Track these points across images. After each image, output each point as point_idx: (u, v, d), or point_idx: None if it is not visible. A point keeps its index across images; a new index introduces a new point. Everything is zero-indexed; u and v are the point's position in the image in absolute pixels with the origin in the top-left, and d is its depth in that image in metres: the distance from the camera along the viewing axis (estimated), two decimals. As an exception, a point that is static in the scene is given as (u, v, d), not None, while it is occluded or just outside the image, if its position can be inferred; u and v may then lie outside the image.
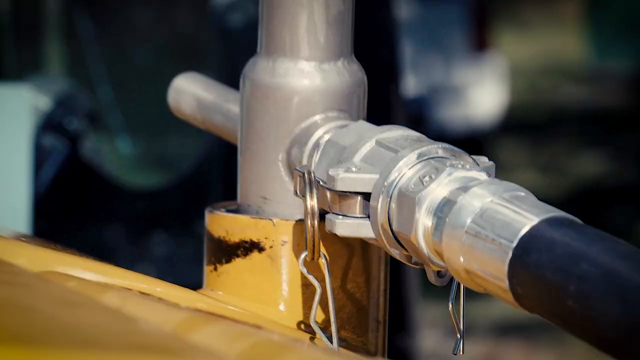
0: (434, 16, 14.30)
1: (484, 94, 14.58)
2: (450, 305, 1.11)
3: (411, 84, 12.68)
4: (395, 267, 1.20)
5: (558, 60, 20.82)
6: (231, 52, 2.64)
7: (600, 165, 14.79)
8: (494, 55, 14.89)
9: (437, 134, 13.77)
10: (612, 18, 19.30)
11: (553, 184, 13.87)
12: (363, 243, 1.14)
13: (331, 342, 1.11)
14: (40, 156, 2.61)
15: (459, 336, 1.13)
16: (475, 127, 14.54)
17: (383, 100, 2.32)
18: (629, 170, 14.53)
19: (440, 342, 7.61)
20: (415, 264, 1.08)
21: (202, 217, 1.24)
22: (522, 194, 1.04)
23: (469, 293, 1.10)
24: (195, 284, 1.21)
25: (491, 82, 14.71)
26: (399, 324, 2.42)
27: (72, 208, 2.90)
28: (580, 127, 16.73)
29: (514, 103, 16.67)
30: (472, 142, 14.01)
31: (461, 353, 1.14)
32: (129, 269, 1.19)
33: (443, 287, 1.13)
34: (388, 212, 1.07)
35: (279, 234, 1.16)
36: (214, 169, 2.69)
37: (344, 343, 1.13)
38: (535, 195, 1.03)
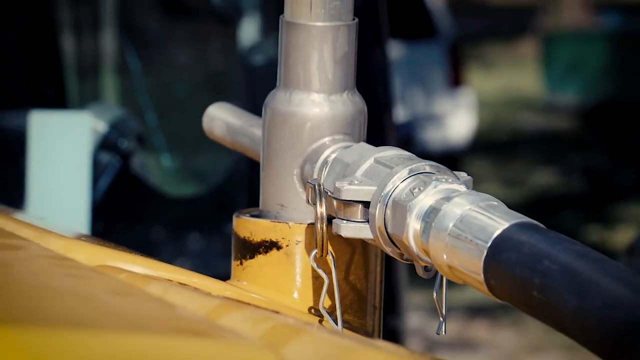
0: (418, 57, 14.40)
1: (457, 120, 14.72)
2: (435, 294, 1.11)
3: (400, 113, 12.88)
4: (388, 262, 1.20)
5: (518, 93, 20.92)
6: (255, 86, 2.64)
7: (552, 178, 14.85)
8: (466, 90, 15.02)
9: (421, 153, 13.86)
10: (562, 60, 19.41)
11: (513, 194, 13.94)
12: (363, 243, 1.14)
13: (336, 324, 1.11)
14: (97, 170, 2.61)
15: (441, 319, 1.13)
16: (451, 147, 14.66)
17: (379, 126, 2.32)
18: (575, 182, 14.62)
19: (424, 322, 7.61)
20: (406, 260, 1.08)
21: (230, 220, 1.24)
22: (495, 203, 1.04)
23: (448, 282, 1.10)
24: (224, 276, 1.21)
25: (464, 111, 14.85)
26: (391, 308, 2.43)
27: (123, 213, 2.90)
28: (535, 147, 16.80)
29: (482, 128, 16.76)
30: (448, 159, 14.17)
31: (444, 333, 1.15)
32: (169, 264, 1.19)
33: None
34: (384, 218, 1.06)
35: (293, 235, 1.15)
36: (240, 181, 2.70)
37: (347, 325, 1.13)
38: (505, 204, 1.03)
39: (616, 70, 18.94)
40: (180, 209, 2.99)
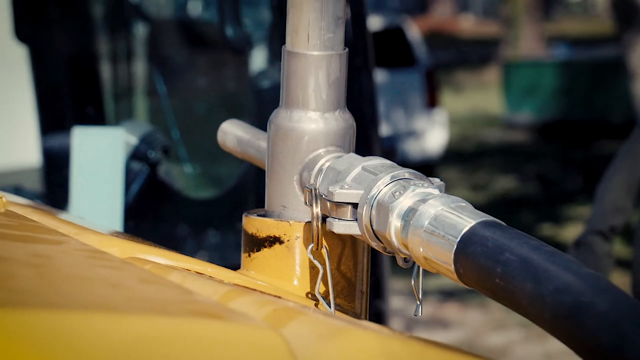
0: (400, 82, 14.45)
1: (432, 135, 14.78)
2: (413, 281, 1.11)
3: (384, 128, 12.95)
4: (373, 254, 1.19)
5: (482, 112, 20.96)
6: (261, 105, 2.64)
7: (511, 183, 14.86)
8: (439, 110, 15.08)
9: (402, 162, 13.98)
10: (519, 84, 19.46)
11: (479, 197, 13.95)
12: (352, 238, 1.14)
13: (330, 307, 1.11)
14: (129, 177, 2.60)
15: (418, 302, 1.13)
16: (427, 157, 14.72)
17: (366, 139, 2.32)
18: (530, 187, 14.64)
19: (404, 304, 7.62)
20: (389, 252, 1.08)
21: (241, 219, 1.24)
22: (464, 204, 1.04)
23: (424, 271, 1.10)
24: (236, 266, 1.21)
25: (437, 127, 14.91)
26: (376, 293, 2.43)
27: (151, 212, 2.90)
28: (497, 157, 16.82)
29: (452, 141, 16.80)
30: (425, 167, 14.22)
31: (420, 314, 1.16)
32: (189, 256, 1.19)
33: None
34: (370, 217, 1.06)
35: (293, 232, 1.15)
36: (249, 186, 2.70)
37: (338, 307, 1.13)
38: (472, 205, 1.03)
39: (565, 93, 19.01)
40: (199, 209, 2.99)
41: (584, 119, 18.26)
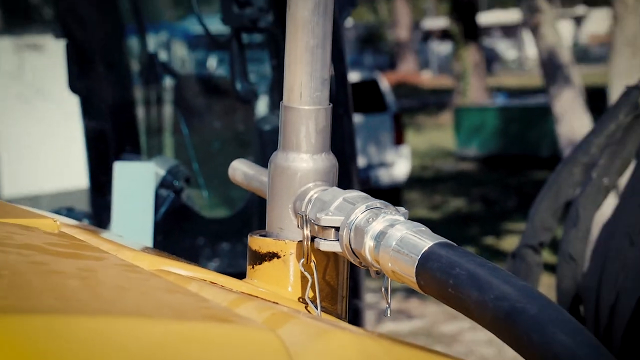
0: (373, 124, 14.48)
1: (399, 166, 14.79)
2: (383, 289, 1.11)
3: (361, 161, 13.05)
4: (352, 267, 1.19)
5: (439, 147, 21.01)
6: (264, 146, 2.63)
7: (461, 204, 14.88)
8: (404, 146, 15.09)
9: (375, 187, 14.14)
10: (467, 125, 19.52)
11: (436, 215, 13.98)
12: (335, 254, 1.13)
13: (316, 309, 1.10)
14: (158, 201, 2.59)
15: (387, 305, 1.13)
16: (395, 183, 14.70)
17: (346, 172, 2.31)
18: (476, 207, 14.66)
19: (376, 300, 7.61)
20: (364, 266, 1.08)
21: (247, 235, 1.23)
22: (423, 228, 1.03)
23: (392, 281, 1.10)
24: (243, 274, 1.20)
25: (403, 159, 14.92)
26: (354, 294, 2.43)
27: (176, 230, 2.88)
28: (450, 183, 16.86)
29: (414, 170, 16.84)
30: (393, 191, 14.28)
31: (389, 315, 1.16)
32: (204, 266, 1.19)
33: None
34: (349, 238, 1.06)
35: (288, 249, 1.14)
36: (253, 210, 2.69)
37: (324, 309, 1.12)
38: (430, 228, 1.03)
39: (503, 132, 19.10)
40: (213, 227, 2.97)
41: (518, 153, 18.33)
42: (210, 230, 2.95)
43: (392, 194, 14.47)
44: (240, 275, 1.19)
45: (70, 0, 3.40)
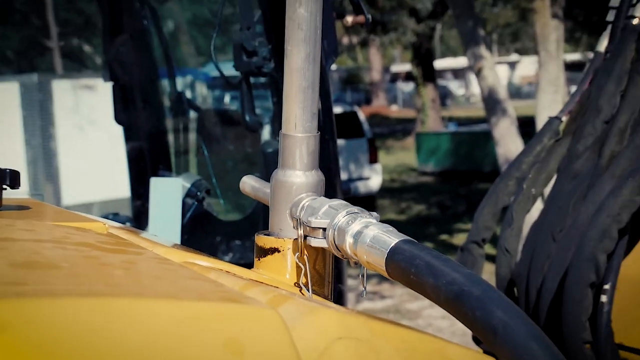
0: (353, 147, 14.46)
1: (373, 179, 14.74)
2: (360, 276, 1.10)
3: (343, 175, 12.99)
4: (336, 258, 1.18)
5: (404, 165, 20.98)
6: (267, 165, 2.63)
7: (422, 209, 14.85)
8: (377, 164, 15.05)
9: (354, 196, 14.12)
10: (426, 147, 19.53)
11: (402, 217, 13.95)
12: (322, 249, 1.12)
13: (308, 292, 1.09)
14: (185, 208, 2.59)
15: (363, 288, 1.13)
16: (370, 192, 14.64)
17: (332, 185, 2.30)
18: (434, 211, 14.62)
19: (355, 283, 7.59)
20: (345, 258, 1.07)
21: (254, 234, 1.22)
22: (391, 229, 1.02)
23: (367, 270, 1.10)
24: (250, 263, 1.19)
25: (376, 174, 14.88)
26: (338, 280, 2.42)
27: (199, 231, 2.87)
28: (413, 193, 16.83)
29: (385, 183, 16.82)
30: (369, 197, 14.25)
31: (365, 296, 1.16)
32: (221, 260, 1.18)
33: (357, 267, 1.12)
34: (333, 236, 1.05)
35: (286, 245, 1.14)
36: (259, 215, 2.68)
37: (314, 291, 1.11)
38: (397, 228, 1.03)
39: (454, 152, 19.10)
40: (228, 228, 2.96)
41: (466, 169, 18.33)
42: (225, 230, 2.93)
43: (368, 201, 14.45)
44: (249, 265, 1.19)
45: (115, 53, 3.40)
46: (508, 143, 9.75)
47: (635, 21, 1.94)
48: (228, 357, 0.73)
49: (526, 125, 11.65)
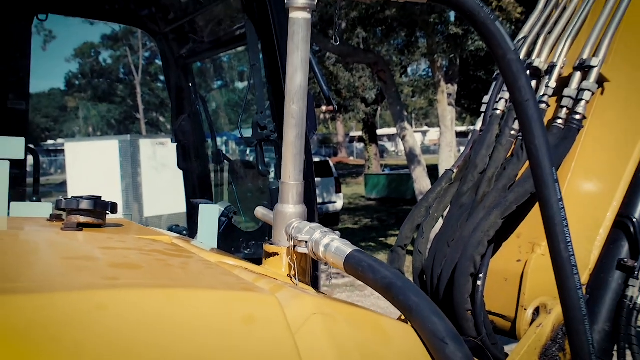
0: (325, 184, 14.41)
1: (337, 203, 14.63)
2: (328, 269, 1.08)
3: (318, 201, 12.84)
4: (314, 260, 1.16)
5: (356, 195, 20.91)
6: (273, 199, 2.59)
7: (368, 222, 14.78)
8: (340, 194, 14.98)
9: (326, 213, 14.02)
10: (371, 183, 19.47)
11: (356, 227, 13.86)
12: (305, 254, 1.09)
13: (296, 282, 1.07)
14: (220, 223, 2.55)
15: (331, 273, 1.10)
16: (336, 211, 14.55)
17: (311, 212, 2.28)
18: (376, 224, 14.54)
19: (326, 269, 7.51)
20: (319, 259, 1.04)
21: (263, 242, 1.19)
22: (348, 242, 1.00)
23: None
24: (260, 262, 1.16)
25: (339, 200, 14.79)
26: (314, 269, 2.37)
27: (229, 239, 2.82)
28: (364, 212, 16.75)
29: (345, 205, 16.72)
30: (334, 215, 14.16)
31: (331, 277, 1.13)
32: (242, 259, 1.15)
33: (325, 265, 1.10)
34: (312, 246, 1.03)
35: (283, 251, 1.10)
36: (266, 230, 2.64)
37: (300, 281, 1.07)
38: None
39: (388, 186, 19.11)
40: (247, 237, 2.91)
41: (396, 197, 18.32)
42: (245, 238, 2.89)
43: (334, 217, 14.35)
44: (258, 261, 1.15)
45: (179, 124, 3.39)
46: (421, 182, 9.79)
47: (497, 112, 1.97)
48: (243, 326, 0.71)
49: (432, 171, 11.70)
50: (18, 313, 0.60)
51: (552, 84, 1.83)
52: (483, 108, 2.02)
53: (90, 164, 10.25)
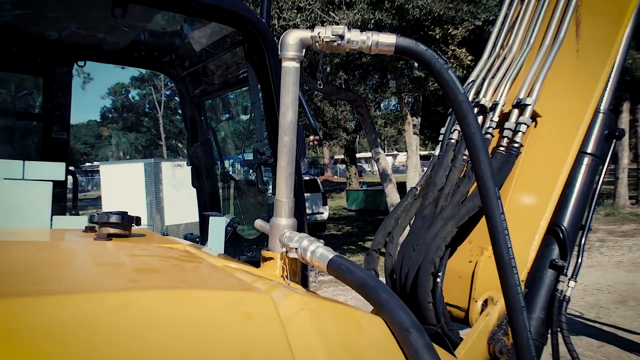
0: (313, 199, 14.33)
1: (324, 214, 14.52)
2: (315, 270, 1.07)
3: (308, 212, 12.71)
4: (303, 263, 1.14)
5: (340, 206, 20.84)
6: (269, 213, 2.57)
7: (349, 229, 14.71)
8: (327, 206, 14.88)
9: (314, 222, 13.93)
10: (352, 197, 19.43)
11: (340, 233, 13.79)
12: (295, 258, 1.07)
13: (288, 282, 1.05)
14: (226, 232, 2.52)
15: (316, 276, 1.09)
16: (323, 220, 14.46)
17: (301, 223, 2.25)
18: (356, 230, 14.48)
19: (313, 269, 7.44)
20: (307, 263, 1.02)
21: (264, 247, 1.18)
22: (330, 249, 0.98)
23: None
24: (258, 265, 1.14)
25: (326, 211, 14.69)
26: (304, 269, 2.33)
27: (233, 245, 2.78)
28: (346, 221, 16.69)
29: (330, 215, 16.67)
30: (322, 223, 14.07)
31: (317, 280, 1.11)
32: (244, 262, 1.13)
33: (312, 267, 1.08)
34: (301, 252, 1.01)
35: (277, 256, 1.09)
36: (264, 239, 2.60)
37: (292, 281, 1.06)
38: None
39: (366, 199, 19.06)
40: (249, 243, 2.88)
41: (372, 208, 18.30)
42: (247, 244, 2.86)
43: (321, 225, 14.26)
44: (258, 264, 1.14)
45: (193, 150, 3.37)
46: (392, 196, 9.81)
47: (452, 140, 1.99)
48: (242, 320, 0.70)
49: (401, 187, 11.74)
50: (57, 311, 0.61)
51: (496, 118, 1.86)
52: (441, 137, 2.05)
53: (120, 183, 10.21)
